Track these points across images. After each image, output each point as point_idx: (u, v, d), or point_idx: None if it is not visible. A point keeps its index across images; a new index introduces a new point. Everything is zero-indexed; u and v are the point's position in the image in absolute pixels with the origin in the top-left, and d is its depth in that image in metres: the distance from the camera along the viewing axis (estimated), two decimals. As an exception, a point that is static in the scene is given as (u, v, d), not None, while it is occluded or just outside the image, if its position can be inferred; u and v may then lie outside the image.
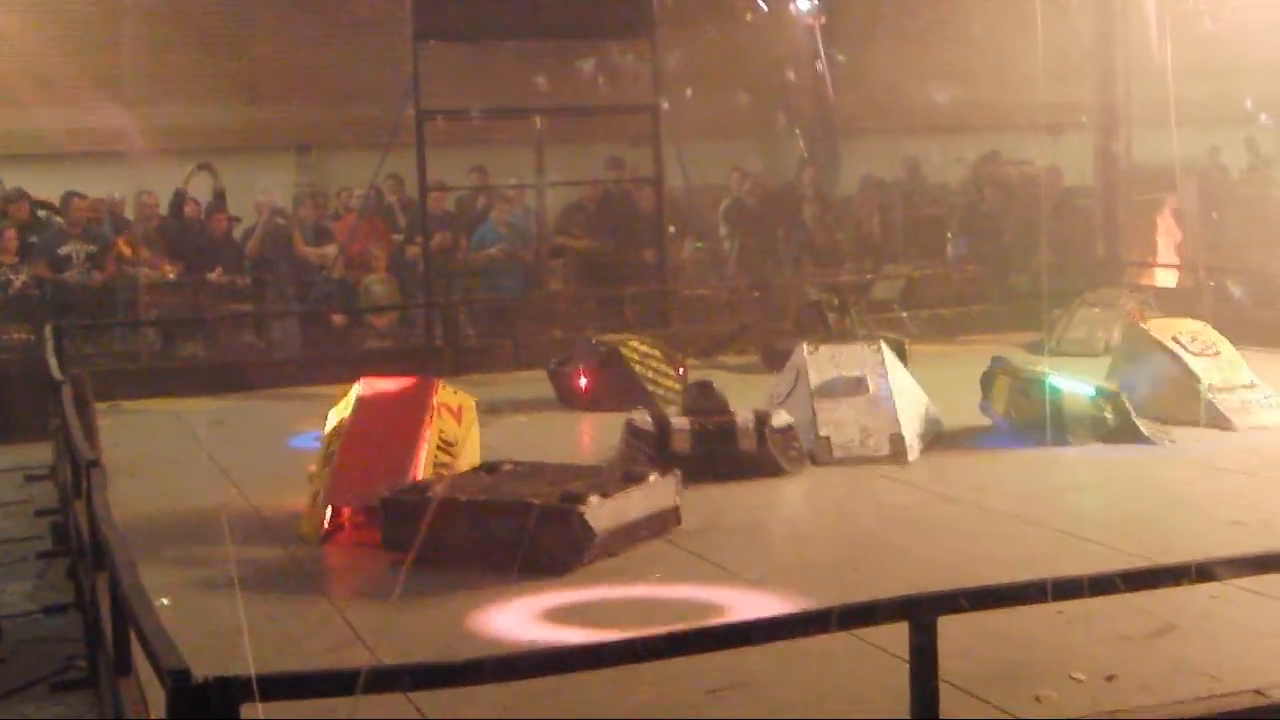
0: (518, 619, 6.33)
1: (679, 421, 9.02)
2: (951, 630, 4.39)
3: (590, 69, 15.87)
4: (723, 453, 8.89)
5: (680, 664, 4.70)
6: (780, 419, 9.08)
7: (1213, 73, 14.22)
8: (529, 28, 15.25)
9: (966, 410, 10.28)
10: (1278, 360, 11.40)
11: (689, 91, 16.08)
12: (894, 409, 9.41)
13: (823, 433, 9.31)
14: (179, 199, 15.41)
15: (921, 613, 4.14)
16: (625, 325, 14.12)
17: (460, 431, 8.30)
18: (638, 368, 11.68)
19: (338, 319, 15.10)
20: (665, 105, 15.23)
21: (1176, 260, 16.57)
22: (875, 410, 9.44)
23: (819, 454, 9.22)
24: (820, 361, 9.75)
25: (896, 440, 9.28)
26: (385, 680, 3.72)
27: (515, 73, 16.15)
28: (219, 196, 15.79)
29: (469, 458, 8.31)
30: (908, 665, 4.22)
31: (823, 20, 18.09)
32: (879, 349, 9.92)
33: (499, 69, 16.43)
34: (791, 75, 16.71)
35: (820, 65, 16.30)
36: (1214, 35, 13.02)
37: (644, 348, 11.96)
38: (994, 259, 16.45)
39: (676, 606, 6.42)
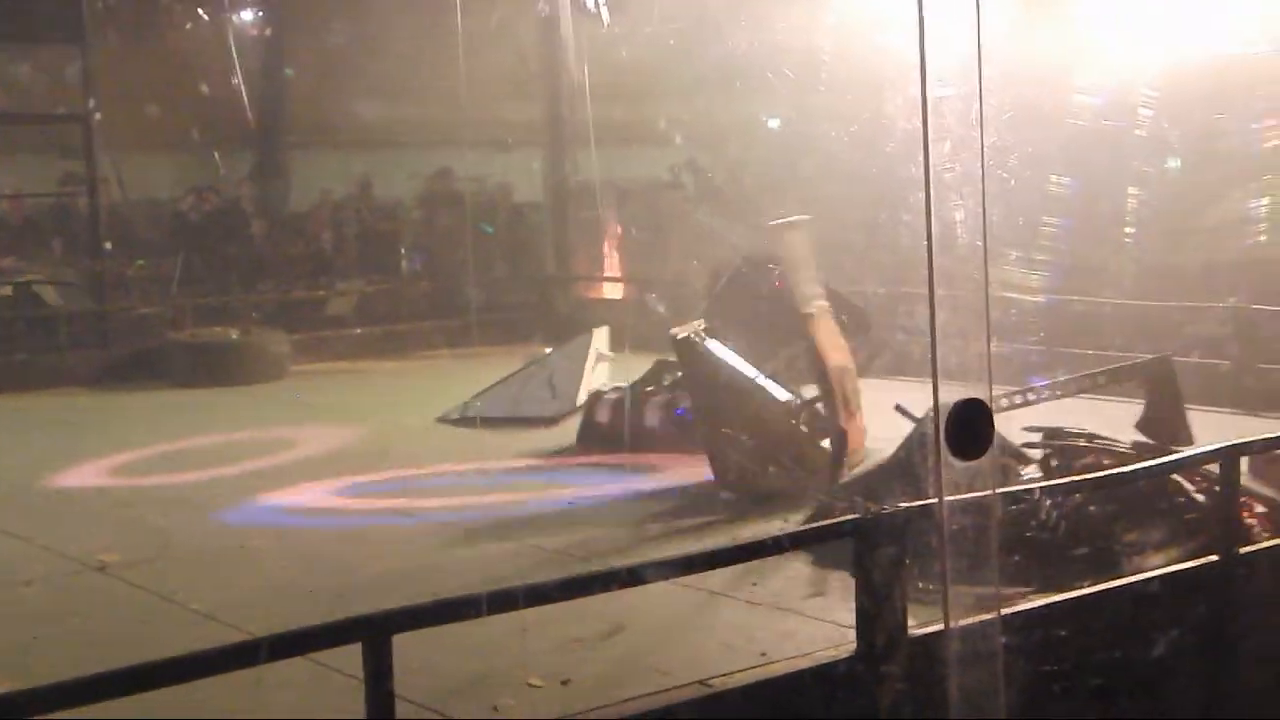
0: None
1: None
2: (412, 646, 4.27)
3: (16, 73, 14.76)
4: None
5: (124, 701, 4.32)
6: None
7: (654, 94, 14.97)
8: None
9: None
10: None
11: (127, 101, 15.23)
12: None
13: None
14: None
15: (369, 632, 4.00)
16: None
17: None
18: None
19: None
20: (99, 115, 14.32)
21: (619, 274, 17.25)
22: None
23: None
24: None
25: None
26: None
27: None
28: None
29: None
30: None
31: (269, 32, 17.65)
32: None
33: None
34: (237, 86, 16.12)
35: (237, 80, 15.74)
36: (641, 59, 13.79)
37: None
38: (448, 274, 16.55)
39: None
